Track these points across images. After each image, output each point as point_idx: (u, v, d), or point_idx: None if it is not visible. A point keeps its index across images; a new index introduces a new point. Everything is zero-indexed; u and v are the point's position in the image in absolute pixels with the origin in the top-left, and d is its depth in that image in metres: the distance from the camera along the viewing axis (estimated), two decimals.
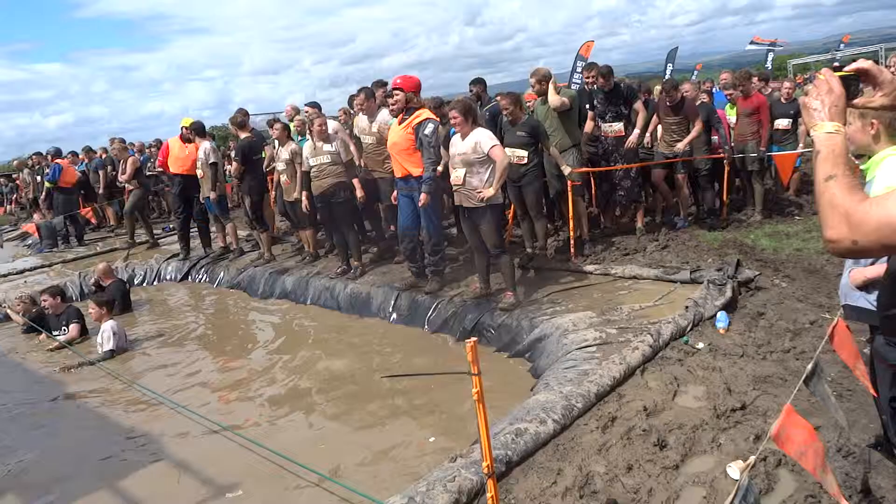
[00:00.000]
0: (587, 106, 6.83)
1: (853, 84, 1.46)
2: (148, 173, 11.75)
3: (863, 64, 1.51)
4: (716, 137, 7.29)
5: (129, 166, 10.42)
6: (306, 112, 8.26)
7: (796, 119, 7.88)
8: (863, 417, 3.16)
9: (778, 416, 2.03)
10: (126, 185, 10.70)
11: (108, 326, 6.09)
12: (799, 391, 2.48)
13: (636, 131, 6.68)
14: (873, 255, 1.32)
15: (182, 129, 8.60)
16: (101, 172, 12.42)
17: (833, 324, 2.60)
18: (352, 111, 7.78)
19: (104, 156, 13.02)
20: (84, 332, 6.63)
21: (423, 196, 5.60)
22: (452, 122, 5.22)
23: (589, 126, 6.86)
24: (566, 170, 6.02)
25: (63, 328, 6.60)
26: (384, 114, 6.73)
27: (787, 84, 8.41)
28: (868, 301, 2.49)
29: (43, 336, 6.64)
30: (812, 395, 2.47)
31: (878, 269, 2.30)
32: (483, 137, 5.12)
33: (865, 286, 2.52)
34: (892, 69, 3.27)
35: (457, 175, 5.25)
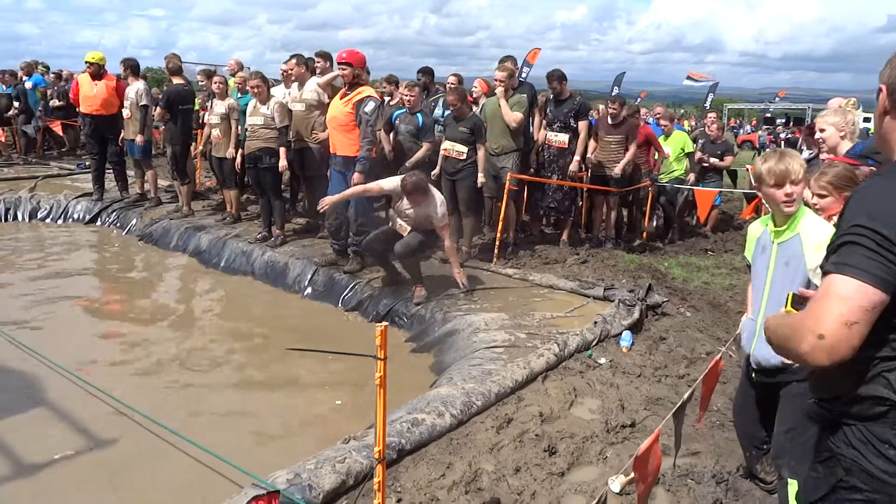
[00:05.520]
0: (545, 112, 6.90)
1: None
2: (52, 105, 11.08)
3: None
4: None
5: None
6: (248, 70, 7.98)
7: (722, 159, 8.29)
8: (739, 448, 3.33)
9: (661, 437, 2.13)
10: None
11: None
12: (686, 417, 2.60)
13: (576, 158, 6.74)
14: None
15: (87, 64, 8.08)
16: None
17: (716, 358, 2.78)
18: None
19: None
20: None
21: (356, 175, 5.52)
22: (409, 199, 5.14)
23: (541, 136, 6.92)
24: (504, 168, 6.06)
25: None
26: (313, 82, 6.59)
27: (714, 127, 8.67)
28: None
29: None
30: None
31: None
32: (438, 213, 5.14)
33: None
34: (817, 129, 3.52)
35: (401, 225, 5.28)
